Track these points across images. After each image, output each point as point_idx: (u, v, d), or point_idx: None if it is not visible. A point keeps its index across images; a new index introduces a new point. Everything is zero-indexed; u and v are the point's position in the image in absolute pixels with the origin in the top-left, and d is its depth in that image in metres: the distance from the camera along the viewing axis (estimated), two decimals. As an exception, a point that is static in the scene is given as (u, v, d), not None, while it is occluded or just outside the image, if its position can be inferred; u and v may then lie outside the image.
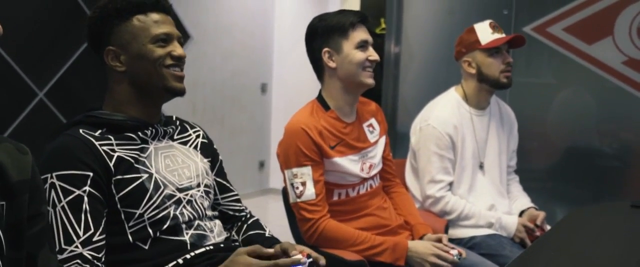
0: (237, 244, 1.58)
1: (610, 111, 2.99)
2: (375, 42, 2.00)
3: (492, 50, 2.26)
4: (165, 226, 1.39)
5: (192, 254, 1.39)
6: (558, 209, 2.93)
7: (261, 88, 5.47)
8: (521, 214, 2.34)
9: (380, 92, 3.50)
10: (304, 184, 1.87)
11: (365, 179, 2.00)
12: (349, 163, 1.95)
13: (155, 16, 1.44)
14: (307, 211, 1.87)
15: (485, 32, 2.28)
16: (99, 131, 1.39)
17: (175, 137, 1.55)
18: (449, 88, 2.41)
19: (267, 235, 1.63)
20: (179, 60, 1.44)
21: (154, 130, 1.47)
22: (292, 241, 1.84)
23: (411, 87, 3.47)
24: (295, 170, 1.88)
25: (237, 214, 1.67)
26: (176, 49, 1.44)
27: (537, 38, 3.06)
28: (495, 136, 2.38)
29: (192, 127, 1.64)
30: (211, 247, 1.43)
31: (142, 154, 1.41)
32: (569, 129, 3.07)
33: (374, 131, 2.08)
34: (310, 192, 1.87)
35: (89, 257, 1.28)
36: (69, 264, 1.26)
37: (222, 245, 1.47)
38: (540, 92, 3.13)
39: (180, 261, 1.37)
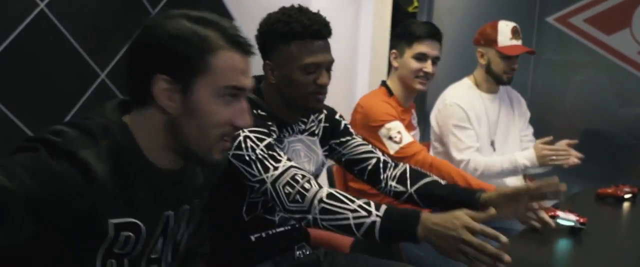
0: None
1: (626, 96, 3.17)
2: (405, 19, 2.28)
3: (504, 54, 2.48)
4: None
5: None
6: (575, 186, 3.10)
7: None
8: None
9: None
10: (399, 133, 2.18)
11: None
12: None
13: (311, 45, 1.57)
14: (409, 150, 2.16)
15: (505, 35, 2.47)
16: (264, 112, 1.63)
17: (305, 128, 1.76)
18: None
19: (442, 182, 1.73)
20: (322, 88, 1.61)
21: (291, 129, 1.70)
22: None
23: (441, 65, 3.55)
24: (388, 125, 2.19)
25: (367, 155, 1.79)
26: (321, 77, 1.59)
27: (560, 28, 3.24)
28: (505, 117, 2.62)
29: (322, 111, 1.81)
30: None
31: (279, 145, 1.63)
32: (587, 110, 3.24)
33: (415, 119, 2.48)
34: (407, 138, 2.19)
35: (297, 167, 1.49)
36: (285, 173, 1.46)
37: None
38: (564, 70, 3.30)
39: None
